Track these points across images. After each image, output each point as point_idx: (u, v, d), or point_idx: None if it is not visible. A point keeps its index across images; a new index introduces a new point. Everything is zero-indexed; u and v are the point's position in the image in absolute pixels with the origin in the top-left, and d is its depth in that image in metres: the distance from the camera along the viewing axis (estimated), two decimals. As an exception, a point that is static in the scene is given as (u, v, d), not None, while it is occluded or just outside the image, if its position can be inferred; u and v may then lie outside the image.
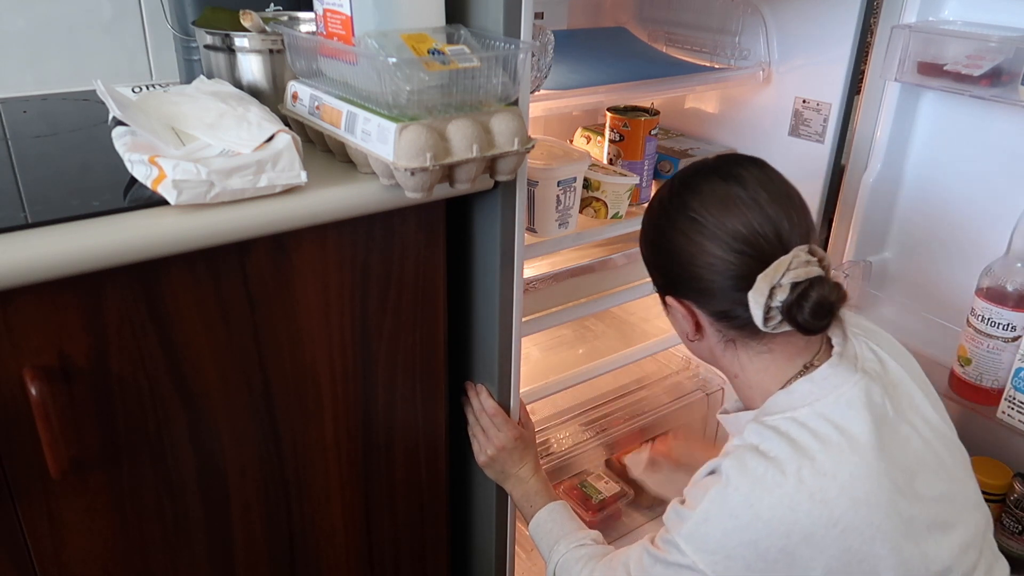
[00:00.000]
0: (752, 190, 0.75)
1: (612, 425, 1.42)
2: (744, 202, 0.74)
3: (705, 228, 0.75)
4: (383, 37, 0.77)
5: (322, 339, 0.88)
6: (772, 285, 0.72)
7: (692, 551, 0.74)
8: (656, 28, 1.47)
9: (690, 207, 0.76)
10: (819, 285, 0.72)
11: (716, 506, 0.74)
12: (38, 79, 1.14)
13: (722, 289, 0.75)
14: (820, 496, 0.70)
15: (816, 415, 0.74)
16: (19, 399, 0.70)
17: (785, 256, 0.73)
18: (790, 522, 0.70)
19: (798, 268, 0.72)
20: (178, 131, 0.82)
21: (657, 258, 0.83)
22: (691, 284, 0.78)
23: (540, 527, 1.00)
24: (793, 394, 0.77)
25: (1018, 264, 1.08)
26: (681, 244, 0.77)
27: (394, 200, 0.82)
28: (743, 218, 0.74)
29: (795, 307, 0.71)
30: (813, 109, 1.28)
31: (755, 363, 0.80)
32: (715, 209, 0.75)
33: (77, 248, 0.66)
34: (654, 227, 0.82)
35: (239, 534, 0.91)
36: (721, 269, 0.75)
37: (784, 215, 0.75)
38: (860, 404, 0.75)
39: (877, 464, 0.72)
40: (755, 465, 0.73)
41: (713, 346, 0.82)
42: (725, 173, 0.78)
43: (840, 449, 0.72)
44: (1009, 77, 1.08)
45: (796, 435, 0.73)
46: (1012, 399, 1.08)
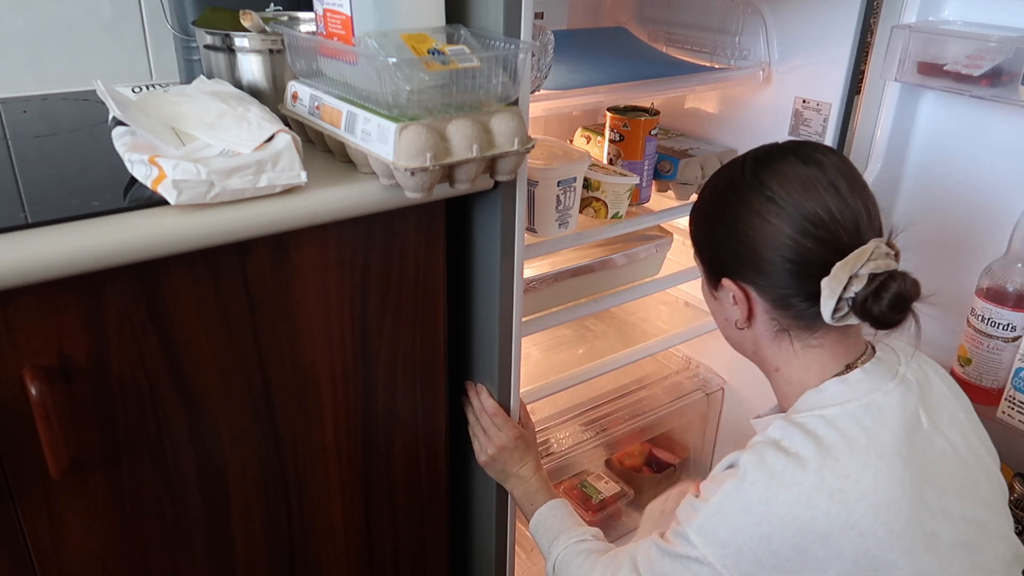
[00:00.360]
0: (832, 176, 0.73)
1: (612, 425, 1.42)
2: (824, 187, 0.72)
3: (783, 210, 0.72)
4: (383, 37, 0.77)
5: (322, 339, 0.88)
6: (851, 274, 0.70)
7: (702, 543, 0.73)
8: (656, 28, 1.47)
9: (767, 186, 0.74)
10: (899, 278, 0.71)
11: (730, 499, 0.73)
12: (38, 79, 1.14)
13: (791, 274, 0.73)
14: (840, 497, 0.69)
15: (846, 415, 0.73)
16: (19, 399, 0.70)
17: (866, 246, 0.71)
18: (806, 520, 0.69)
19: (878, 259, 0.71)
20: (178, 131, 0.83)
21: (719, 238, 0.79)
22: (758, 266, 0.75)
23: (540, 524, 1.00)
24: (823, 393, 0.76)
25: (1018, 264, 1.08)
26: (754, 224, 0.74)
27: (394, 200, 0.82)
28: (823, 203, 0.72)
29: (872, 299, 0.70)
30: (813, 109, 1.28)
31: (801, 357, 0.78)
32: (795, 191, 0.72)
33: (77, 248, 0.66)
34: (720, 204, 0.78)
35: (239, 534, 0.91)
36: (794, 253, 0.72)
37: (862, 205, 0.73)
38: (891, 411, 0.73)
39: (903, 473, 0.70)
40: (775, 461, 0.72)
41: (760, 336, 0.80)
42: (804, 156, 0.75)
43: (867, 452, 0.70)
44: (1009, 77, 1.08)
45: (823, 433, 0.72)
46: (1012, 399, 1.08)
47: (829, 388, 0.76)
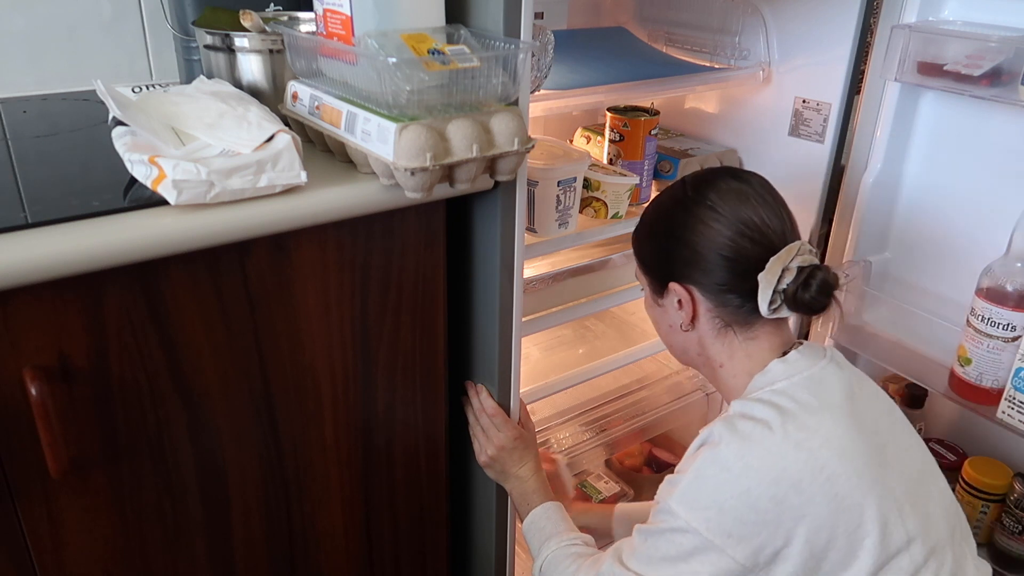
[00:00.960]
0: (759, 190, 0.85)
1: (612, 425, 1.42)
2: (755, 198, 0.84)
3: (722, 216, 0.83)
4: (383, 37, 0.77)
5: (322, 339, 0.88)
6: (784, 267, 0.80)
7: (685, 511, 0.78)
8: (656, 28, 1.47)
9: (708, 197, 0.84)
10: (823, 269, 0.82)
11: (708, 463, 0.79)
12: (38, 79, 1.14)
13: (730, 271, 0.83)
14: (805, 445, 0.77)
15: (793, 386, 0.82)
16: (19, 399, 0.70)
17: (793, 244, 0.82)
18: (779, 469, 0.76)
19: (804, 255, 0.82)
20: (178, 131, 0.82)
21: (666, 247, 0.88)
22: (701, 266, 0.84)
23: (533, 524, 1.01)
24: (768, 373, 0.85)
25: (1018, 264, 1.08)
26: (699, 229, 0.84)
27: (394, 200, 0.82)
28: (756, 211, 0.83)
29: (802, 288, 0.80)
30: (813, 109, 1.28)
31: (742, 351, 0.87)
32: (731, 201, 0.83)
33: (77, 248, 0.66)
34: (667, 218, 0.88)
35: (239, 534, 0.91)
36: (733, 252, 0.82)
37: (785, 215, 0.85)
38: (830, 381, 0.83)
39: (852, 423, 0.79)
40: (743, 425, 0.79)
41: (704, 335, 0.88)
42: (735, 174, 0.87)
43: (819, 410, 0.80)
44: (1009, 77, 1.07)
45: (778, 400, 0.81)
46: (1012, 399, 1.08)
47: (772, 369, 0.85)
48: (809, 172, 1.30)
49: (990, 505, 1.22)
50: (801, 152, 1.31)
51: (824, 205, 1.32)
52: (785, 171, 1.35)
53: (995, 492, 1.21)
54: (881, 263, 1.36)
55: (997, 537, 1.22)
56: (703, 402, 1.52)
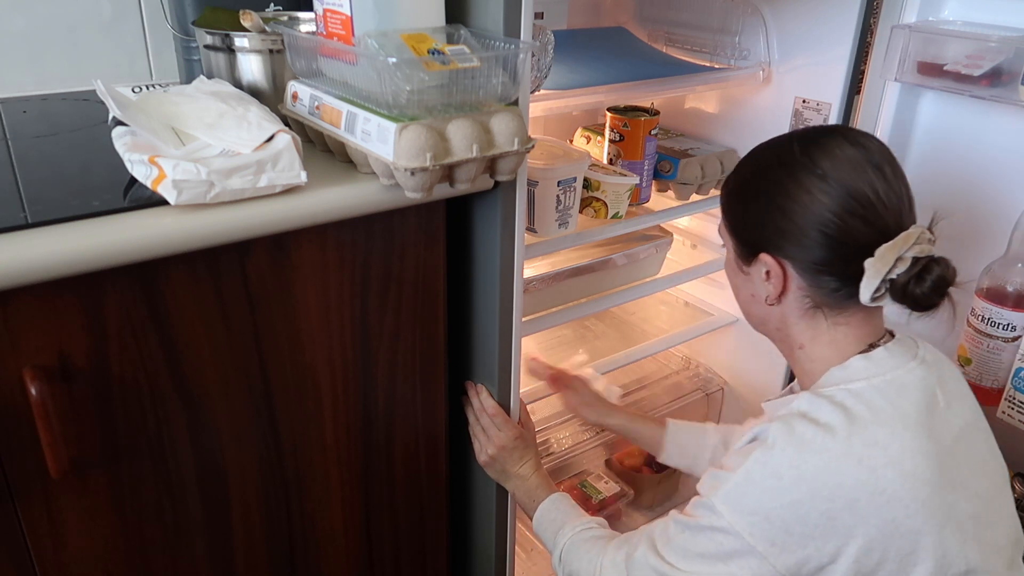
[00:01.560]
0: (878, 160, 0.75)
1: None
2: (872, 169, 0.74)
3: (832, 187, 0.74)
4: (383, 37, 0.77)
5: (322, 339, 0.88)
6: (898, 256, 0.72)
7: (729, 512, 0.74)
8: (656, 28, 1.47)
9: (818, 164, 0.75)
10: (941, 263, 0.74)
11: (759, 466, 0.73)
12: (38, 79, 1.14)
13: (832, 252, 0.75)
14: (869, 463, 0.70)
15: (871, 388, 0.75)
16: (19, 399, 0.70)
17: (911, 230, 0.73)
18: (835, 485, 0.70)
19: (922, 244, 0.73)
20: (178, 131, 0.82)
21: (762, 213, 0.79)
22: (800, 242, 0.76)
23: (544, 517, 0.99)
24: (848, 369, 0.78)
25: (1018, 264, 1.08)
26: (803, 200, 0.75)
27: (394, 200, 0.82)
28: (871, 184, 0.74)
29: (915, 281, 0.72)
30: (813, 109, 1.28)
31: (827, 335, 0.80)
32: (844, 170, 0.74)
33: (77, 248, 0.66)
34: (765, 180, 0.79)
35: (239, 534, 0.91)
36: (839, 231, 0.74)
37: (904, 192, 0.76)
38: (913, 387, 0.75)
39: (927, 444, 0.72)
40: (803, 430, 0.73)
41: (788, 313, 0.81)
42: (852, 139, 0.77)
43: (893, 423, 0.72)
44: (1009, 77, 1.08)
45: (851, 404, 0.74)
46: (1012, 399, 1.08)
47: (853, 364, 0.77)
48: (809, 172, 1.30)
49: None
50: (801, 152, 1.31)
51: (824, 205, 1.31)
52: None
53: (995, 492, 1.21)
54: (881, 263, 1.36)
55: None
56: (703, 402, 1.52)
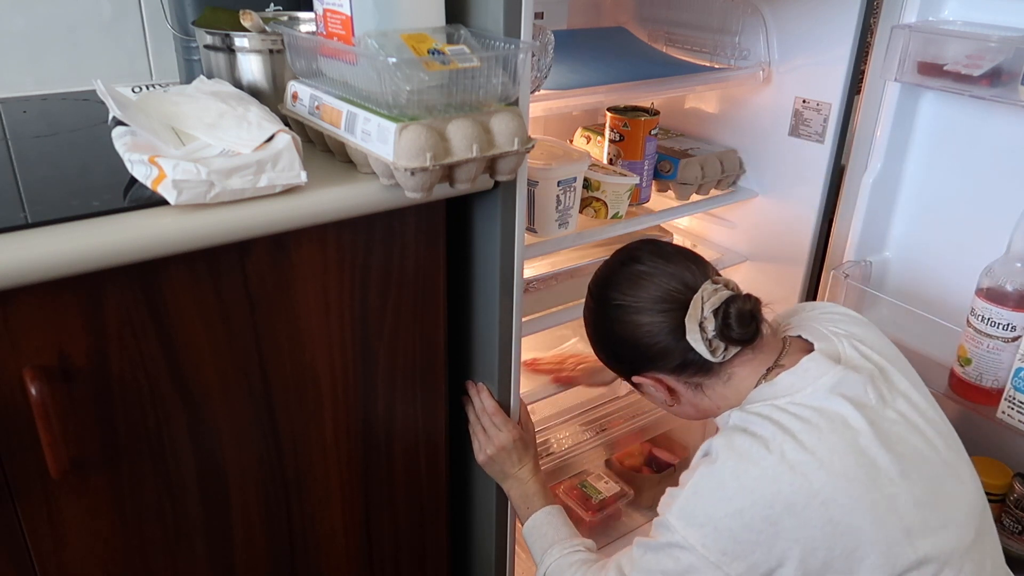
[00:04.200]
0: (650, 262, 0.87)
1: (612, 425, 1.42)
2: (648, 273, 0.87)
3: (630, 307, 0.86)
4: (383, 37, 0.77)
5: (322, 339, 0.88)
6: (699, 321, 0.82)
7: (682, 526, 0.79)
8: (656, 28, 1.47)
9: (612, 298, 0.88)
10: (734, 302, 0.83)
11: (705, 479, 0.79)
12: (38, 79, 1.14)
13: (668, 346, 0.85)
14: (801, 469, 0.76)
15: (796, 404, 0.81)
16: (19, 399, 0.70)
17: (697, 293, 0.84)
18: (773, 492, 0.75)
19: (711, 298, 0.83)
20: (178, 131, 0.82)
21: (611, 351, 0.93)
22: (645, 355, 0.87)
23: (535, 530, 1.01)
24: (776, 386, 0.84)
25: (1018, 264, 1.08)
26: (621, 330, 0.88)
27: (394, 200, 0.82)
28: (655, 283, 0.86)
29: (725, 328, 0.82)
30: (813, 109, 1.28)
31: (727, 392, 0.88)
32: (630, 289, 0.87)
33: (77, 248, 0.66)
34: (596, 329, 0.93)
35: (239, 534, 0.91)
36: (658, 331, 0.85)
37: (683, 267, 0.87)
38: (839, 392, 0.81)
39: (856, 442, 0.77)
40: (741, 442, 0.79)
41: (690, 399, 0.90)
42: (624, 259, 0.90)
43: (819, 429, 0.78)
44: (1009, 77, 1.07)
45: (778, 417, 0.80)
46: (1012, 399, 1.08)
47: (780, 381, 0.84)
48: (809, 172, 1.30)
49: (990, 505, 1.22)
50: (801, 152, 1.31)
51: (824, 205, 1.32)
52: (785, 171, 1.35)
53: (995, 492, 1.21)
54: (881, 263, 1.36)
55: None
56: (703, 402, 1.52)
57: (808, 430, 0.77)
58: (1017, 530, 1.19)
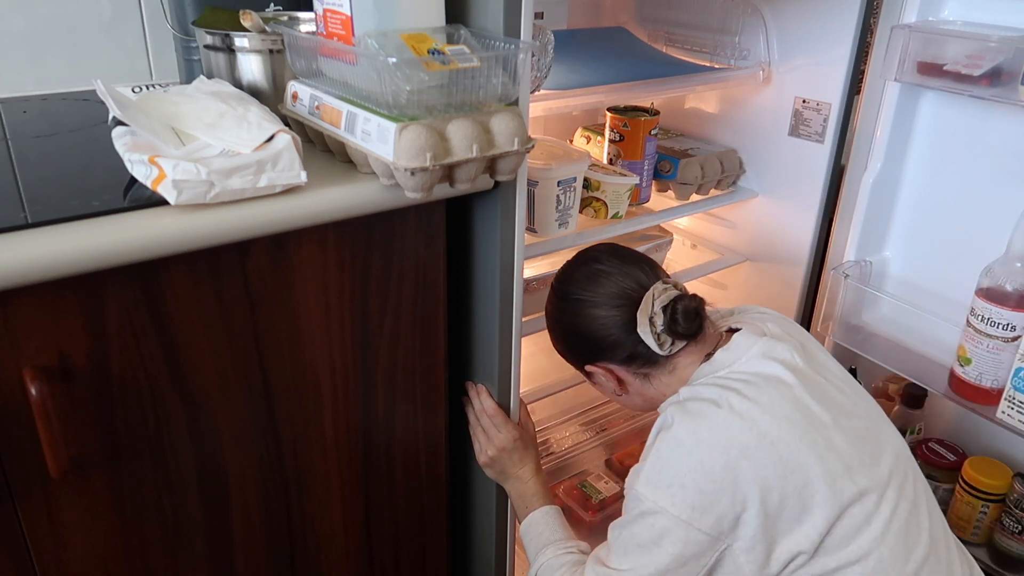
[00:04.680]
0: (608, 262, 0.95)
1: (612, 425, 1.42)
2: (606, 272, 0.94)
3: (587, 301, 0.93)
4: (383, 37, 0.77)
5: (322, 339, 0.88)
6: (649, 316, 0.90)
7: (651, 492, 0.84)
8: (656, 28, 1.47)
9: (571, 293, 0.95)
10: (681, 300, 0.91)
11: (665, 444, 0.86)
12: (38, 79, 1.14)
13: (619, 339, 0.92)
14: (748, 416, 0.83)
15: (734, 373, 0.89)
16: (19, 399, 0.70)
17: (649, 291, 0.91)
18: (727, 439, 0.82)
19: (661, 296, 0.90)
20: (178, 131, 0.83)
21: (568, 342, 0.99)
22: (599, 346, 0.94)
23: (532, 528, 1.02)
24: (714, 363, 0.91)
25: (1018, 264, 1.08)
26: (578, 322, 0.94)
27: (394, 200, 0.82)
28: (611, 281, 0.93)
29: (672, 323, 0.90)
30: (813, 109, 1.28)
31: (672, 381, 0.94)
32: (588, 286, 0.94)
33: (77, 248, 0.66)
34: (557, 322, 0.99)
35: (239, 534, 0.91)
36: (612, 324, 0.92)
37: (638, 268, 0.94)
38: (770, 356, 0.90)
39: (791, 393, 0.86)
40: (692, 406, 0.87)
41: (638, 389, 0.96)
42: (584, 259, 0.97)
43: (758, 385, 0.87)
44: (1009, 77, 1.07)
45: (723, 383, 0.88)
46: (1012, 399, 1.08)
47: (717, 358, 0.91)
48: (809, 172, 1.31)
49: (990, 505, 1.22)
50: (801, 152, 1.31)
51: (824, 205, 1.32)
52: (785, 171, 1.35)
53: (995, 492, 1.21)
54: (881, 263, 1.36)
55: (997, 537, 1.22)
56: (703, 402, 1.52)
57: (749, 387, 0.86)
58: (1017, 530, 1.19)
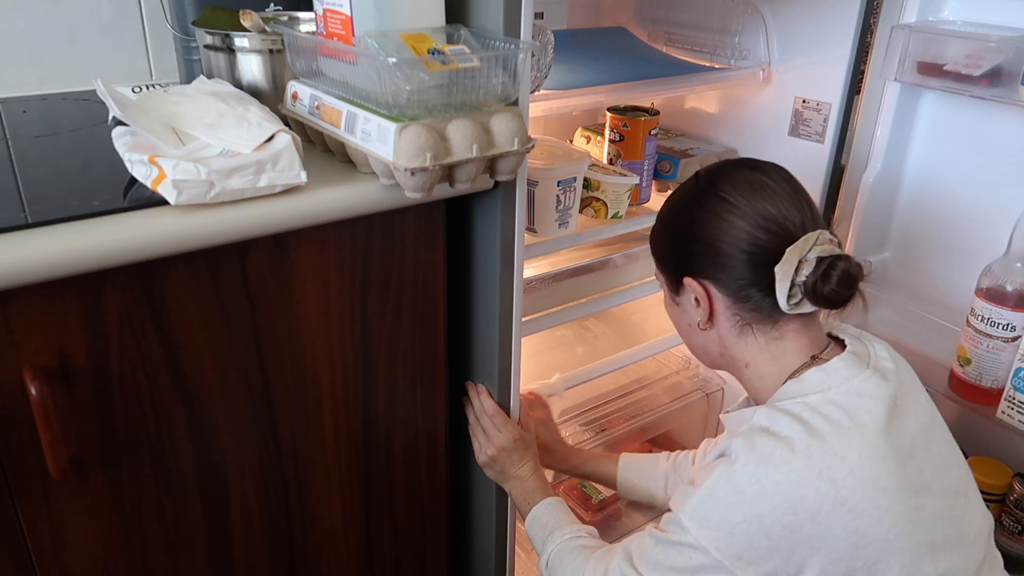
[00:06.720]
0: (777, 180, 0.81)
1: (612, 425, 1.42)
2: (772, 189, 0.80)
3: (736, 208, 0.79)
4: (383, 37, 0.77)
5: (322, 339, 0.88)
6: (800, 258, 0.76)
7: (695, 527, 0.76)
8: (656, 28, 1.47)
9: (721, 189, 0.81)
10: (844, 259, 0.77)
11: (722, 482, 0.75)
12: (38, 79, 1.14)
13: (747, 264, 0.79)
14: (828, 474, 0.72)
15: (827, 401, 0.77)
16: (19, 399, 0.70)
17: (812, 233, 0.78)
18: (796, 498, 0.72)
19: (823, 244, 0.77)
20: (178, 131, 0.83)
21: (680, 241, 0.85)
22: (716, 261, 0.81)
23: (536, 520, 1.00)
24: (804, 383, 0.80)
25: (1018, 264, 1.08)
26: (711, 223, 0.81)
27: (394, 200, 0.82)
28: (772, 201, 0.79)
29: (821, 280, 0.76)
30: (813, 109, 1.28)
31: (767, 351, 0.83)
32: (746, 192, 0.80)
33: (77, 248, 0.66)
34: (679, 212, 0.86)
35: (239, 534, 0.91)
36: (750, 244, 0.79)
37: (805, 205, 0.81)
38: (870, 395, 0.77)
39: (886, 451, 0.74)
40: (763, 443, 0.75)
41: (725, 334, 0.84)
42: (751, 164, 0.83)
43: (850, 433, 0.74)
44: (1009, 77, 1.08)
45: (808, 417, 0.76)
46: (1012, 399, 1.08)
47: (809, 377, 0.80)
48: (809, 172, 1.30)
49: (990, 505, 1.21)
50: (801, 152, 1.31)
51: (824, 205, 1.32)
52: (785, 171, 1.34)
53: (995, 492, 1.21)
54: (881, 263, 1.36)
55: (997, 537, 1.22)
56: (703, 402, 1.52)
57: (837, 433, 0.74)
58: (1017, 530, 1.19)
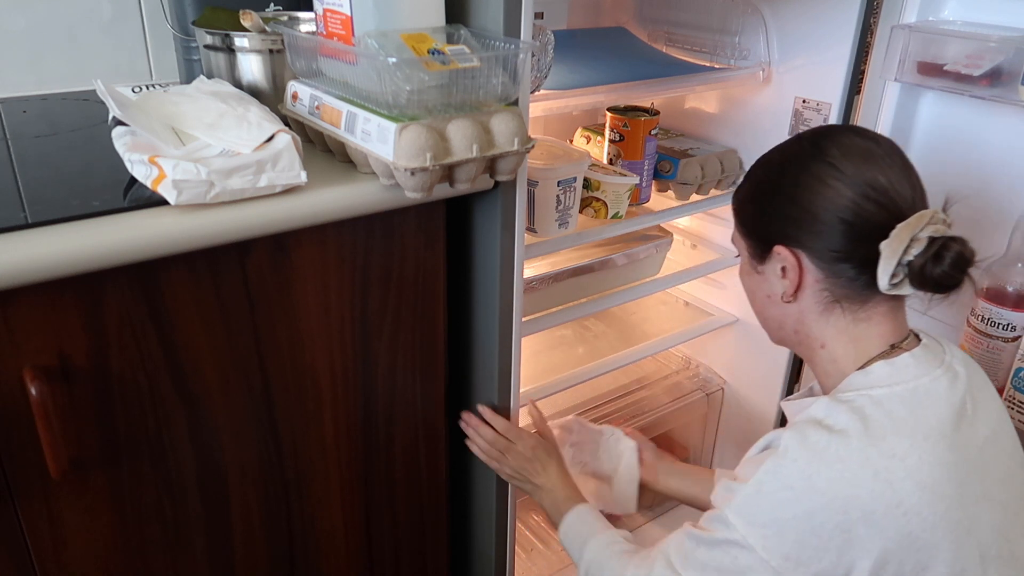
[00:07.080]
0: (888, 152, 0.76)
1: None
2: (883, 159, 0.75)
3: (843, 175, 0.74)
4: (383, 37, 0.77)
5: (322, 339, 0.88)
6: (912, 236, 0.71)
7: (742, 524, 0.72)
8: (656, 28, 1.47)
9: (828, 153, 0.76)
10: (958, 241, 0.72)
11: (770, 476, 0.72)
12: (38, 79, 1.14)
13: (847, 236, 0.74)
14: (886, 476, 0.68)
15: (893, 396, 0.73)
16: (19, 399, 0.70)
17: (926, 211, 0.73)
18: (850, 498, 0.69)
19: (937, 224, 0.72)
20: (178, 131, 0.83)
21: (774, 206, 0.79)
22: (813, 228, 0.75)
23: (569, 531, 0.96)
24: (870, 375, 0.76)
25: (1018, 264, 1.08)
26: (814, 188, 0.75)
27: (394, 200, 0.82)
28: (883, 172, 0.74)
29: (932, 261, 0.71)
30: (813, 109, 1.28)
31: (848, 332, 0.78)
32: (855, 159, 0.75)
33: (77, 248, 0.66)
34: (777, 175, 0.80)
35: (239, 534, 0.91)
36: (854, 215, 0.73)
37: (916, 181, 0.76)
38: (938, 396, 0.73)
39: (948, 455, 0.70)
40: (817, 438, 0.71)
41: (806, 310, 0.79)
42: (861, 132, 0.78)
43: (913, 434, 0.70)
44: (1009, 77, 1.07)
45: (870, 412, 0.72)
46: (1012, 399, 1.08)
47: (876, 370, 0.75)
48: (809, 172, 1.30)
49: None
50: (801, 152, 1.31)
51: (824, 205, 1.31)
52: (785, 171, 1.34)
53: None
54: (881, 263, 1.36)
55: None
56: (703, 402, 1.52)
57: (899, 432, 0.70)
58: (1017, 530, 1.19)
